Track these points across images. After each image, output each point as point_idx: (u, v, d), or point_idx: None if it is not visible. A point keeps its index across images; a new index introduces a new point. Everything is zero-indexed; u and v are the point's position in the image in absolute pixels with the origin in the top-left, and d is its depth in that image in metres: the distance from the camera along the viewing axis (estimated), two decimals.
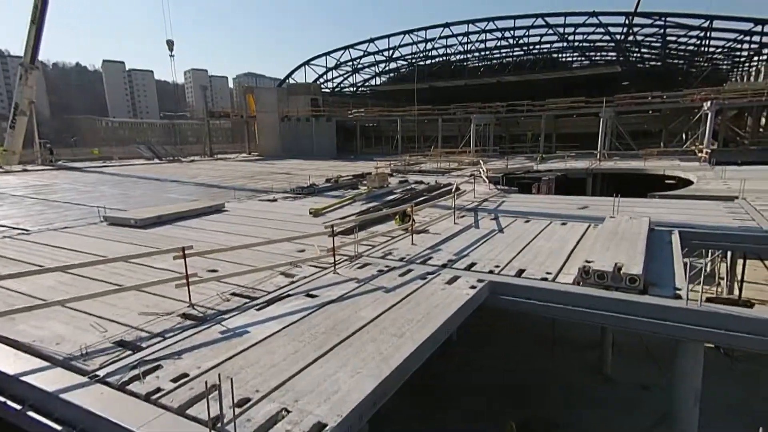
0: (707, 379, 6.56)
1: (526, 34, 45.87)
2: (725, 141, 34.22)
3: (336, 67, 53.61)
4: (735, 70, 49.88)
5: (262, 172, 28.93)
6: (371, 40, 48.84)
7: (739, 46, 39.93)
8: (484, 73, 55.71)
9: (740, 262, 14.92)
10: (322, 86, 53.52)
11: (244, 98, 50.36)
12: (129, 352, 5.22)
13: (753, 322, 5.53)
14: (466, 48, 51.17)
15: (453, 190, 15.49)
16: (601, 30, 42.76)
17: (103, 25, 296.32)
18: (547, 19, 41.85)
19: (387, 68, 57.61)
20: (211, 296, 7.02)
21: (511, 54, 53.00)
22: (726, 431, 8.05)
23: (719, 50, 43.42)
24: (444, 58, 55.46)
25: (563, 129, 40.85)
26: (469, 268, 8.25)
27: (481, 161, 26.21)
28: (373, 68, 57.05)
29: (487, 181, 19.19)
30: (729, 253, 15.07)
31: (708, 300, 5.97)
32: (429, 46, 50.08)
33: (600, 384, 10.86)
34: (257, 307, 6.55)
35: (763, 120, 36.48)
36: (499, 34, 46.39)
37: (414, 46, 50.84)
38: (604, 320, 6.55)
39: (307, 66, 51.92)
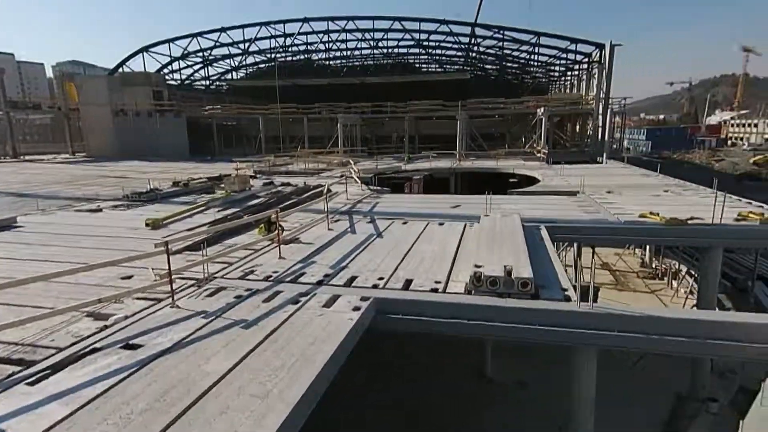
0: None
1: (385, 37, 46.96)
2: (553, 144, 39.70)
3: (183, 57, 47.53)
4: (553, 83, 58.80)
5: (88, 175, 23.58)
6: (223, 30, 44.37)
7: (557, 61, 46.90)
8: (347, 73, 55.60)
9: (583, 250, 16.74)
10: (167, 78, 47.02)
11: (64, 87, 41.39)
12: None
13: (645, 320, 5.36)
14: (327, 46, 50.31)
15: (324, 191, 14.14)
16: (452, 39, 46.11)
17: None
18: (403, 23, 43.39)
19: (244, 62, 53.35)
20: None
21: (372, 56, 53.88)
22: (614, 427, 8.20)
23: (543, 64, 50.46)
24: (306, 55, 53.74)
25: (425, 130, 42.79)
26: (349, 283, 6.99)
27: (351, 161, 25.43)
28: (228, 61, 52.32)
29: (359, 181, 18.33)
30: (575, 243, 16.74)
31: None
32: (289, 41, 47.71)
33: (482, 385, 10.69)
34: (31, 379, 4.24)
35: (578, 126, 43.48)
36: (359, 35, 46.55)
37: (273, 41, 47.98)
38: (500, 332, 5.90)
39: (146, 54, 44.82)
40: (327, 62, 56.84)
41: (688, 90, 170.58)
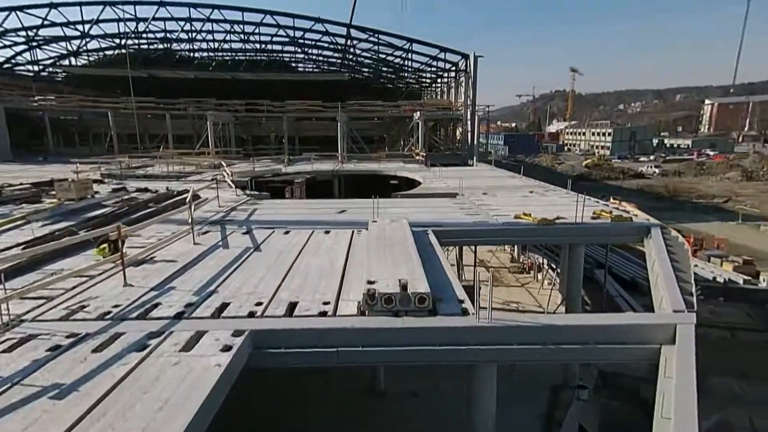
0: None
1: (257, 31, 44.09)
2: (429, 147, 41.74)
3: None
4: (425, 89, 62.22)
5: None
6: (53, 6, 36.76)
7: (428, 68, 49.50)
8: (216, 68, 51.13)
9: (461, 250, 17.38)
10: None
11: None
12: None
13: (541, 330, 5.23)
14: (190, 36, 45.40)
15: (189, 198, 12.17)
16: (328, 39, 45.39)
17: None
18: (276, 18, 41.19)
19: (85, 47, 45.23)
20: None
21: (243, 50, 50.32)
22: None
23: (415, 70, 52.84)
24: (165, 44, 47.82)
25: (305, 132, 41.38)
26: (218, 313, 5.72)
27: (223, 163, 23.01)
28: (64, 44, 43.78)
29: (233, 186, 16.46)
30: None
31: None
32: (142, 26, 41.78)
33: (374, 400, 10.12)
34: None
35: (449, 131, 46.51)
36: (228, 26, 42.89)
37: (122, 25, 41.46)
38: (398, 357, 5.29)
39: None
40: (191, 54, 51.57)
41: (532, 102, 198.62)
